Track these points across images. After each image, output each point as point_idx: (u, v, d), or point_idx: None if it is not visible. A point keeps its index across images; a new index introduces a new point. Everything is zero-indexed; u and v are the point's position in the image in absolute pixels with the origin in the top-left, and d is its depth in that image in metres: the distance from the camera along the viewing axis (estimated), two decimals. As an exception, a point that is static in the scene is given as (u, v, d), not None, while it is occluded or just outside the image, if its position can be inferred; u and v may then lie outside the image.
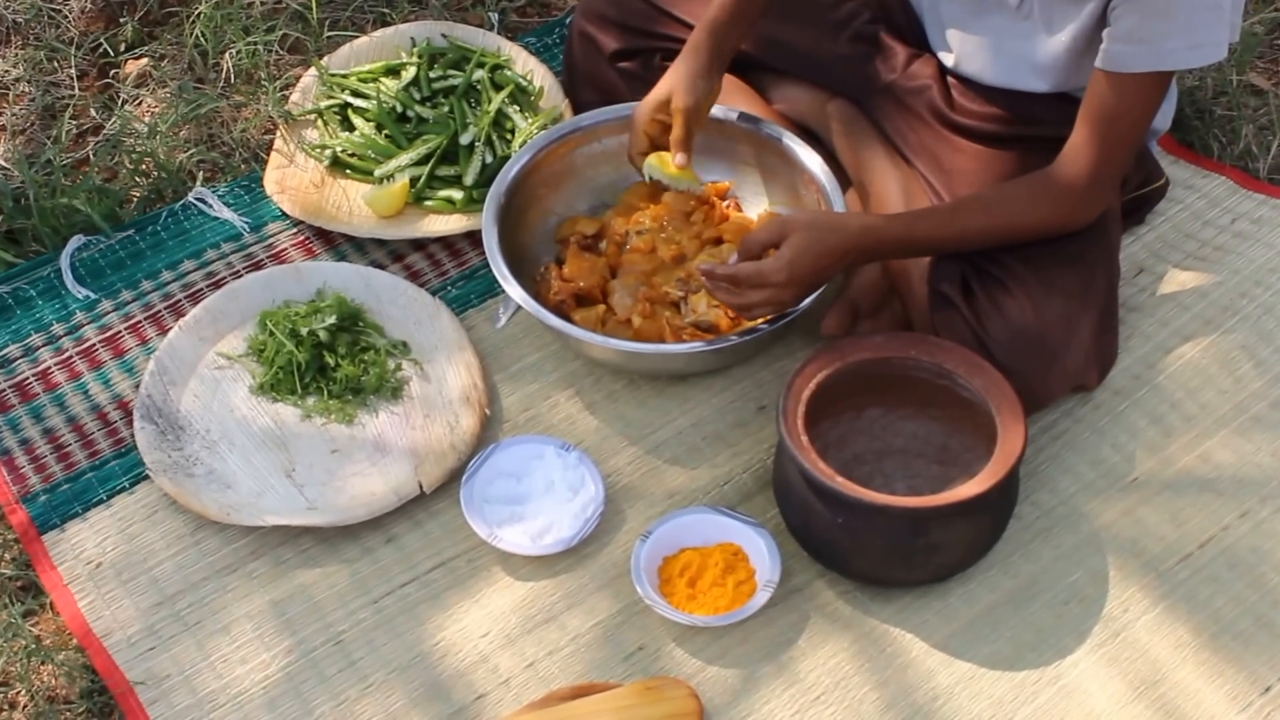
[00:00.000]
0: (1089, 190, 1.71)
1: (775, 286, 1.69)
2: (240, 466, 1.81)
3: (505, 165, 1.95)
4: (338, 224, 2.04)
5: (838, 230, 1.70)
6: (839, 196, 1.89)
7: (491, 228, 1.88)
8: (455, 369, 1.90)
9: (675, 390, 1.89)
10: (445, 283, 2.02)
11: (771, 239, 1.70)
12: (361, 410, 1.87)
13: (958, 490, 1.62)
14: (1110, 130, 1.68)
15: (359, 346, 1.91)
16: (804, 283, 1.70)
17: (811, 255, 1.67)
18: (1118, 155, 1.71)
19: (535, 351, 1.95)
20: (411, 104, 2.13)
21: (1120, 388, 1.86)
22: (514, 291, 1.82)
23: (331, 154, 2.12)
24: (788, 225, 1.69)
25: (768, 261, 1.69)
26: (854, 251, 1.70)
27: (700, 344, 1.79)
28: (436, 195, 2.08)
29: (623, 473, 1.82)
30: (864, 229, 1.72)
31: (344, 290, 1.96)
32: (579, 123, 2.00)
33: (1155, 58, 1.63)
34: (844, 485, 1.61)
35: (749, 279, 1.69)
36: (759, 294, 1.70)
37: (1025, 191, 1.74)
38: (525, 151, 1.96)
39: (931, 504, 1.62)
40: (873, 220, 1.74)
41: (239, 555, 1.76)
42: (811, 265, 1.68)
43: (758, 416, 1.86)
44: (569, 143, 2.00)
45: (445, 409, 1.86)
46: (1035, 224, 1.74)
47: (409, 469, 1.80)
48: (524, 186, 1.95)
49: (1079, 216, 1.75)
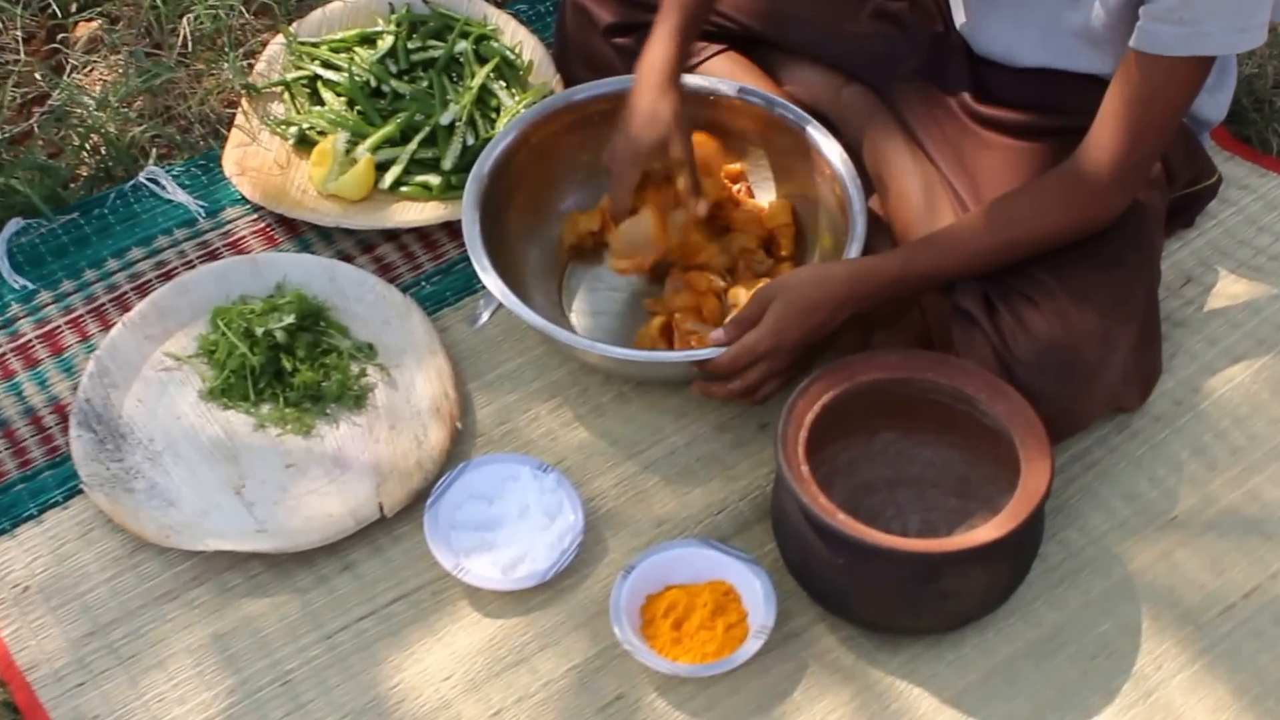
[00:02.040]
0: (1113, 184, 1.62)
1: (766, 357, 1.63)
2: (185, 481, 1.72)
3: (489, 144, 1.84)
4: (301, 211, 1.94)
5: (823, 282, 1.64)
6: (859, 195, 1.78)
7: (473, 213, 1.78)
8: (425, 375, 1.80)
9: (669, 404, 1.79)
10: (419, 277, 1.92)
11: (758, 312, 1.64)
12: (320, 420, 1.77)
13: (974, 534, 1.52)
14: (1140, 117, 1.58)
15: (320, 349, 1.81)
16: (796, 345, 1.64)
17: (797, 314, 1.62)
18: (1146, 145, 1.61)
19: (516, 356, 1.84)
20: (387, 78, 2.03)
21: (1161, 413, 1.75)
22: (493, 284, 1.72)
23: (298, 131, 2.01)
24: (770, 291, 1.64)
25: (749, 335, 1.63)
26: (847, 301, 1.64)
27: (701, 352, 1.68)
28: (412, 181, 1.97)
29: (607, 496, 1.72)
30: (853, 276, 1.65)
31: (306, 285, 1.86)
32: (571, 97, 1.90)
33: (1196, 40, 1.53)
34: (846, 524, 1.51)
35: (735, 360, 1.64)
36: (754, 371, 1.65)
37: (1041, 195, 1.65)
38: (511, 129, 1.86)
39: (944, 548, 1.52)
40: (863, 265, 1.67)
41: (180, 580, 1.66)
42: (799, 324, 1.62)
43: (759, 436, 1.76)
44: (559, 119, 1.89)
45: (413, 420, 1.76)
46: (1055, 230, 1.65)
47: (370, 488, 1.70)
48: (509, 168, 1.85)
49: (1102, 214, 1.65)
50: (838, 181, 1.81)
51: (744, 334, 1.64)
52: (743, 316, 1.66)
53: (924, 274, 1.67)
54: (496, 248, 1.78)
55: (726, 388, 1.67)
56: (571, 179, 1.92)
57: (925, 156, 1.82)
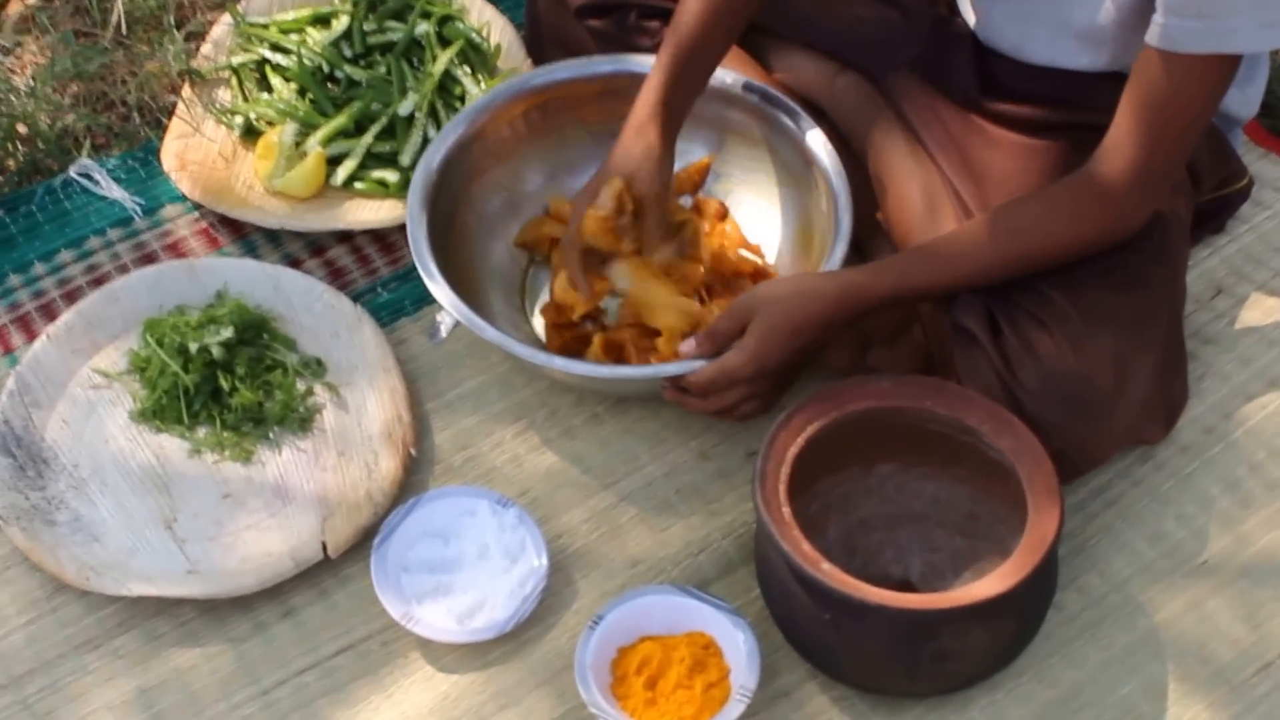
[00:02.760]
0: (1131, 193, 1.48)
1: (746, 382, 1.50)
2: (112, 513, 1.57)
3: (438, 135, 1.68)
4: (245, 210, 1.78)
5: (809, 299, 1.50)
6: (846, 194, 1.64)
7: (420, 213, 1.63)
8: (378, 396, 1.65)
9: (646, 428, 1.64)
10: (374, 284, 1.77)
11: (735, 327, 1.50)
12: (262, 445, 1.62)
13: (973, 588, 1.37)
14: (1159, 120, 1.44)
15: (262, 365, 1.66)
16: (780, 369, 1.52)
17: (782, 335, 1.49)
18: (1168, 151, 1.47)
19: (478, 374, 1.69)
20: (340, 62, 1.87)
21: (1189, 443, 1.60)
22: (443, 294, 1.57)
23: (244, 121, 1.85)
24: (750, 305, 1.50)
25: (729, 356, 1.50)
26: (835, 320, 1.51)
27: (671, 366, 1.53)
28: (367, 177, 1.81)
29: (576, 533, 1.57)
30: (843, 292, 1.51)
31: (248, 293, 1.70)
32: (531, 80, 1.74)
33: (1218, 37, 1.38)
34: (831, 575, 1.36)
35: (712, 383, 1.50)
36: (732, 394, 1.52)
37: (1052, 204, 1.51)
38: (465, 115, 1.71)
39: (939, 605, 1.37)
40: (854, 279, 1.52)
41: (104, 627, 1.52)
42: (784, 345, 1.49)
43: (746, 465, 1.61)
44: (518, 106, 1.74)
45: (363, 446, 1.61)
46: (1067, 244, 1.51)
47: (314, 522, 1.56)
48: (463, 160, 1.70)
49: (1119, 226, 1.51)
50: (824, 179, 1.66)
51: (718, 347, 1.51)
52: (718, 330, 1.52)
53: (921, 289, 1.54)
54: (449, 251, 1.64)
55: (699, 404, 1.54)
56: (533, 172, 1.76)
57: (926, 155, 1.67)
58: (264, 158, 1.81)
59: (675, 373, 1.53)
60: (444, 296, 1.57)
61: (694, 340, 1.53)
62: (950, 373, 1.55)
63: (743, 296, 1.53)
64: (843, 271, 1.56)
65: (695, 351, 1.52)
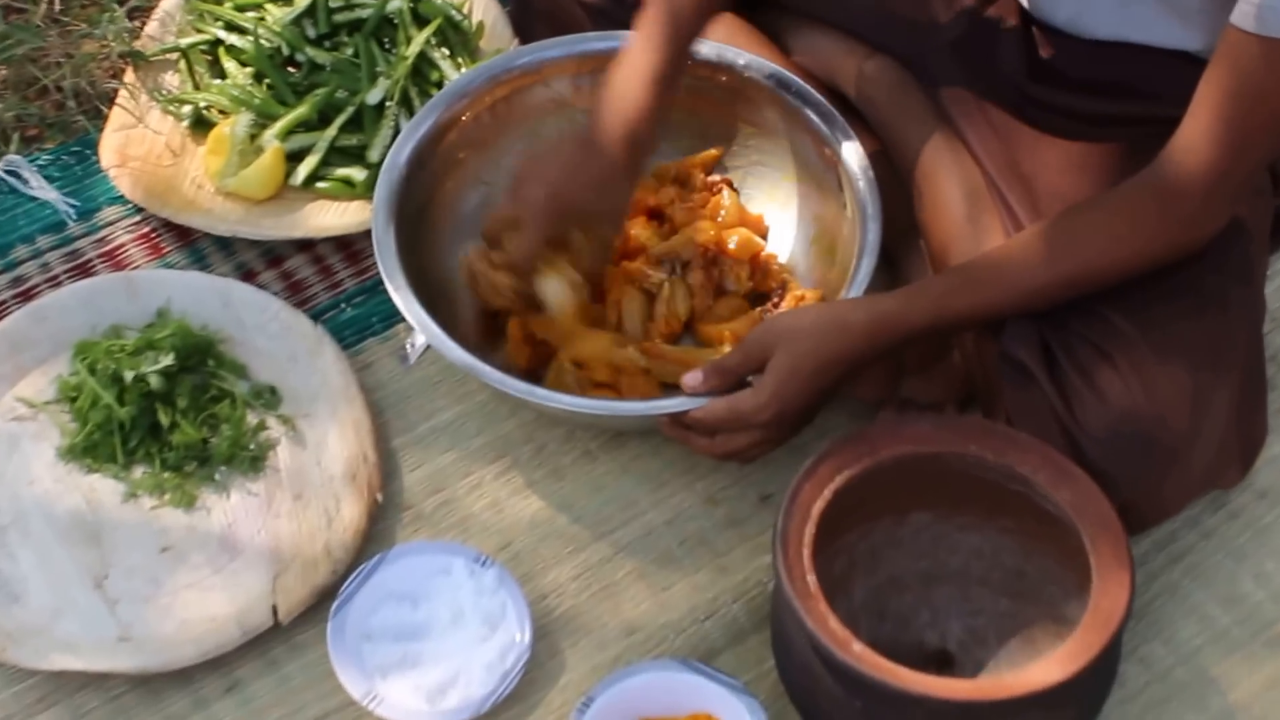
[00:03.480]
0: (1207, 199, 1.29)
1: (761, 427, 1.31)
2: (35, 568, 1.39)
3: (408, 125, 1.49)
4: (192, 214, 1.59)
5: (838, 332, 1.32)
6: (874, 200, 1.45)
7: (386, 215, 1.44)
8: (340, 430, 1.46)
9: (646, 468, 1.45)
10: (338, 299, 1.57)
11: (749, 363, 1.32)
12: (206, 488, 1.43)
13: (1029, 674, 1.19)
14: (1247, 116, 1.24)
15: (208, 395, 1.47)
16: (801, 412, 1.34)
17: (805, 374, 1.31)
18: (1254, 151, 1.28)
19: (455, 403, 1.50)
20: (301, 44, 1.67)
21: (1267, 488, 1.42)
22: (410, 308, 1.38)
23: (194, 111, 1.66)
24: (769, 339, 1.32)
25: (744, 395, 1.31)
26: (867, 355, 1.34)
27: (670, 402, 1.34)
28: (332, 175, 1.62)
29: (564, 593, 1.38)
30: (876, 320, 1.33)
31: (193, 311, 1.51)
32: (516, 60, 1.55)
33: None
34: (864, 660, 1.18)
35: (722, 424, 1.32)
36: (742, 438, 1.33)
37: (1115, 212, 1.32)
38: (440, 100, 1.51)
39: (991, 695, 1.19)
40: (888, 306, 1.34)
41: (22, 703, 1.34)
42: (807, 385, 1.31)
43: (760, 512, 1.42)
44: (503, 87, 1.54)
45: (323, 489, 1.42)
46: (1132, 259, 1.32)
47: (264, 580, 1.37)
48: (434, 155, 1.51)
49: (1192, 237, 1.32)
50: (849, 180, 1.46)
51: (727, 385, 1.33)
52: (729, 365, 1.34)
53: (964, 316, 1.35)
54: (420, 257, 1.46)
55: (704, 444, 1.35)
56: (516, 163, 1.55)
57: (968, 152, 1.48)
58: (215, 153, 1.61)
59: (677, 409, 1.34)
60: (411, 311, 1.38)
61: (700, 374, 1.34)
62: (997, 410, 1.37)
63: (759, 328, 1.35)
64: (874, 299, 1.36)
65: (702, 387, 1.34)
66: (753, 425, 1.32)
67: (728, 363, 1.34)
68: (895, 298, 1.35)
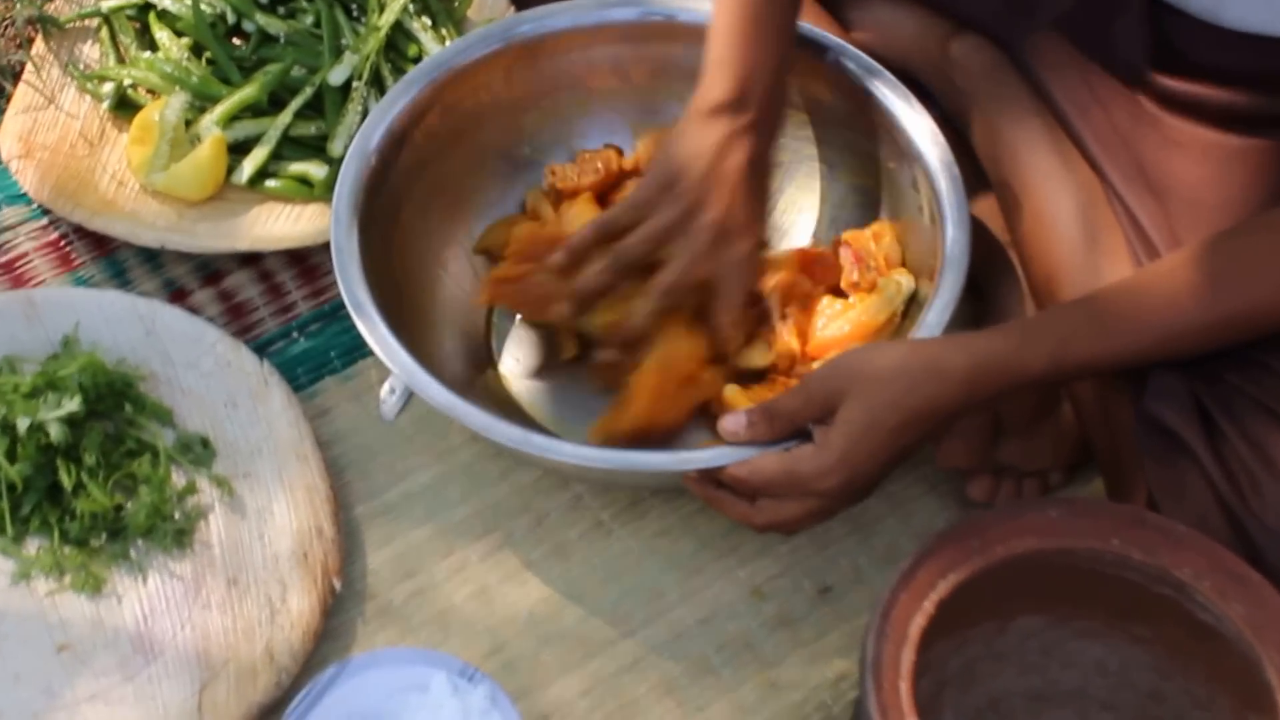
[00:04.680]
0: None
1: (820, 496, 1.02)
2: (-107, 672, 1.08)
3: (379, 105, 1.21)
4: (111, 217, 1.30)
5: (931, 377, 1.02)
6: (959, 207, 1.15)
7: (349, 216, 1.15)
8: (289, 495, 1.16)
9: (674, 547, 1.16)
10: (289, 326, 1.28)
11: (812, 408, 1.03)
12: (118, 569, 1.14)
13: None
14: None
15: (123, 449, 1.18)
16: (871, 478, 1.04)
17: (885, 431, 1.02)
18: None
19: (434, 461, 1.22)
20: (251, 10, 1.37)
21: None
22: (379, 340, 1.09)
23: (116, 90, 1.36)
24: (839, 382, 1.03)
25: (804, 453, 1.02)
26: (961, 407, 1.04)
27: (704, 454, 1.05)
28: (285, 172, 1.32)
29: (571, 712, 1.09)
30: (978, 364, 1.03)
31: (108, 341, 1.22)
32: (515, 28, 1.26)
33: None
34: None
35: (772, 487, 1.03)
36: (792, 506, 1.04)
37: None
38: (414, 81, 1.22)
39: None
40: (992, 346, 1.04)
41: None
42: (885, 445, 1.02)
43: (819, 608, 1.14)
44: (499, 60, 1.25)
45: (265, 572, 1.13)
46: None
47: (188, 692, 1.08)
48: (410, 142, 1.22)
49: None
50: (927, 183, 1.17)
51: (779, 434, 1.04)
52: (785, 409, 1.05)
53: (1089, 362, 1.06)
54: (392, 271, 1.17)
55: (738, 510, 1.06)
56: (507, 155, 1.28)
57: (1082, 157, 1.20)
58: (140, 142, 1.31)
59: (712, 464, 1.04)
60: (379, 341, 1.09)
61: (744, 417, 1.05)
62: (1130, 486, 1.09)
63: (826, 367, 1.05)
64: (973, 337, 1.06)
65: (745, 434, 1.04)
66: (809, 490, 1.03)
67: (783, 406, 1.04)
68: (1004, 336, 1.05)
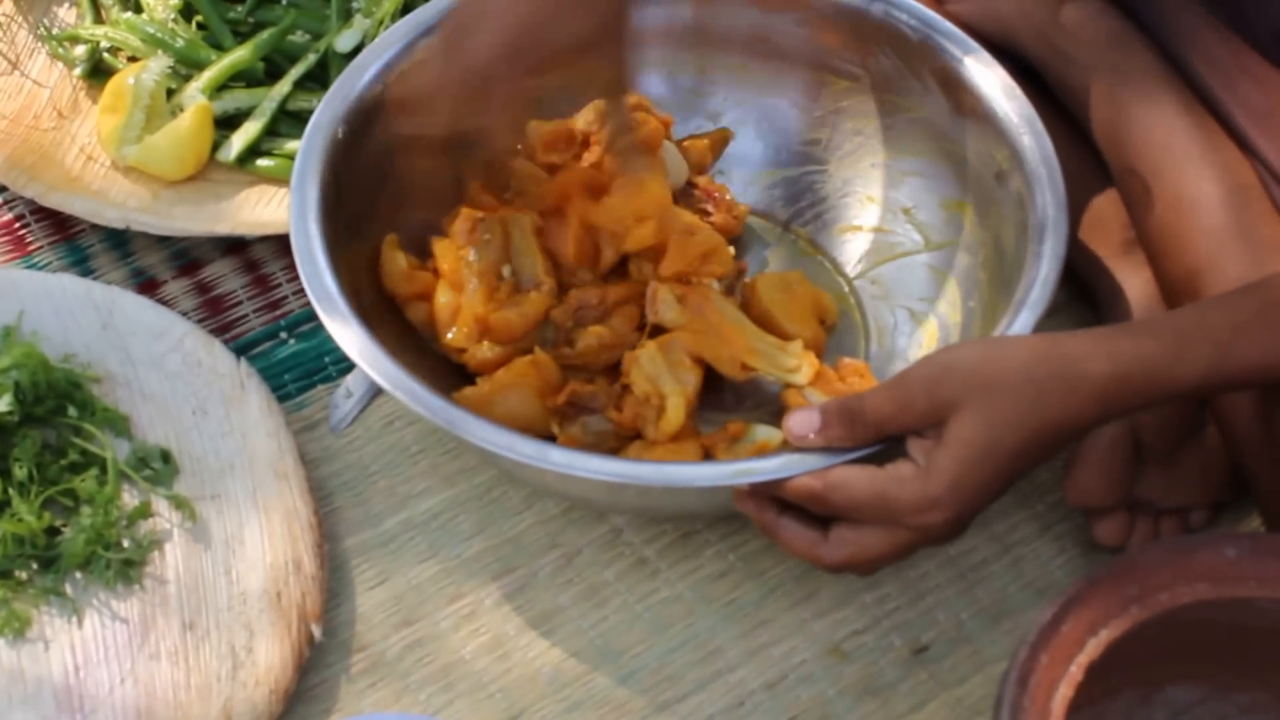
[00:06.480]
0: None
1: (915, 530, 0.80)
2: None
3: (355, 60, 1.00)
4: (71, 195, 1.11)
5: (1062, 386, 0.81)
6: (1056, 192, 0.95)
7: (309, 193, 0.93)
8: (264, 522, 0.95)
9: (731, 592, 0.95)
10: (277, 325, 1.08)
11: (908, 415, 0.81)
12: (48, 608, 0.93)
13: None
14: None
15: (64, 462, 0.96)
16: (976, 512, 0.82)
17: (1005, 454, 0.80)
18: None
19: (443, 486, 1.01)
20: (247, -35, 1.17)
21: None
22: (350, 339, 0.87)
23: (90, 53, 1.17)
24: (955, 385, 0.81)
25: (904, 473, 0.81)
26: (1087, 428, 0.84)
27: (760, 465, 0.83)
28: (278, 150, 1.12)
29: (602, 798, 0.86)
30: (1120, 376, 0.82)
31: (55, 332, 1.02)
32: None
33: None
34: None
35: (859, 508, 0.81)
36: (879, 540, 0.81)
37: None
38: (399, 34, 1.01)
39: None
40: (1140, 349, 0.83)
41: None
42: (1003, 470, 0.81)
43: (914, 672, 0.92)
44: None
45: (230, 616, 0.92)
46: None
47: (126, 762, 0.85)
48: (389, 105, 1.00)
49: None
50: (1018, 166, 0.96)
51: (862, 438, 0.83)
52: (873, 410, 0.83)
53: (1255, 370, 0.84)
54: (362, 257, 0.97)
55: (806, 540, 0.83)
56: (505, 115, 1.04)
57: (1228, 136, 0.99)
58: (112, 110, 1.11)
59: (774, 477, 0.82)
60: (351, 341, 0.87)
61: (817, 414, 0.82)
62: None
63: (930, 367, 0.82)
64: (1114, 336, 0.84)
65: (819, 438, 0.82)
66: (902, 521, 0.80)
67: (870, 408, 0.82)
68: (1154, 337, 0.83)
